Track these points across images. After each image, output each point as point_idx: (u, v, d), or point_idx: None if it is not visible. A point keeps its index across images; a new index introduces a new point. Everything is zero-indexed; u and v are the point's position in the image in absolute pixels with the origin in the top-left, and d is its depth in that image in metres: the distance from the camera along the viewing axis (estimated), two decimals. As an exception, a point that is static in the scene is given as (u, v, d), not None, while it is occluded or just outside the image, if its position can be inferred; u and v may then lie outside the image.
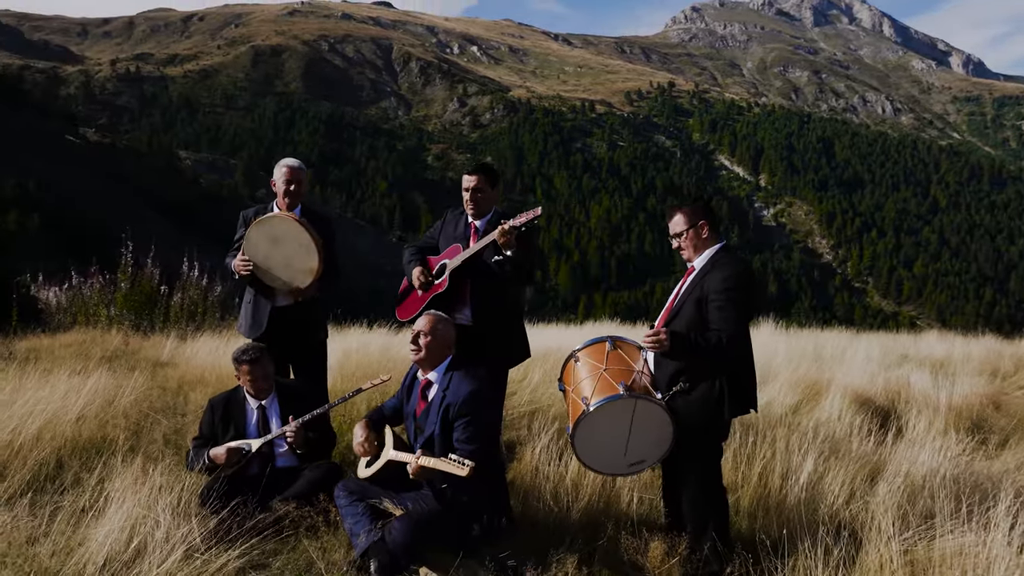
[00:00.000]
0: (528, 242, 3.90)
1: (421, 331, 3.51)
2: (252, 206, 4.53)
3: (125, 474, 3.50)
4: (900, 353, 10.41)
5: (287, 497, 3.56)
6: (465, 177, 4.15)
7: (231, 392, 4.06)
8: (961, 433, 5.44)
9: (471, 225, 4.15)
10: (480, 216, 4.14)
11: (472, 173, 4.12)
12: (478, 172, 4.11)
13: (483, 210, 4.13)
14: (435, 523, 3.16)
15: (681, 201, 3.36)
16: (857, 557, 2.94)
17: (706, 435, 3.20)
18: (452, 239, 4.17)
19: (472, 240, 4.07)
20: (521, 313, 4.32)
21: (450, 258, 4.08)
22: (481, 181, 4.08)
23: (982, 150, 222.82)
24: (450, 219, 4.31)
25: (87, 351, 9.22)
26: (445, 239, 4.24)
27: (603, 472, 3.35)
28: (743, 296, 3.14)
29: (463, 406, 3.34)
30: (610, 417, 3.09)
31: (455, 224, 4.24)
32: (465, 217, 4.21)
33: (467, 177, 4.13)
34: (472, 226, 4.15)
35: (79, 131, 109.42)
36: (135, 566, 2.89)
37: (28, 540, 3.05)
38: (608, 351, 3.28)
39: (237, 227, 4.43)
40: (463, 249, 4.03)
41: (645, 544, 3.23)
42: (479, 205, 4.11)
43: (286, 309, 4.28)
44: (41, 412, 4.76)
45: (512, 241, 3.77)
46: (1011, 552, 2.71)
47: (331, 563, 3.23)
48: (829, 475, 3.85)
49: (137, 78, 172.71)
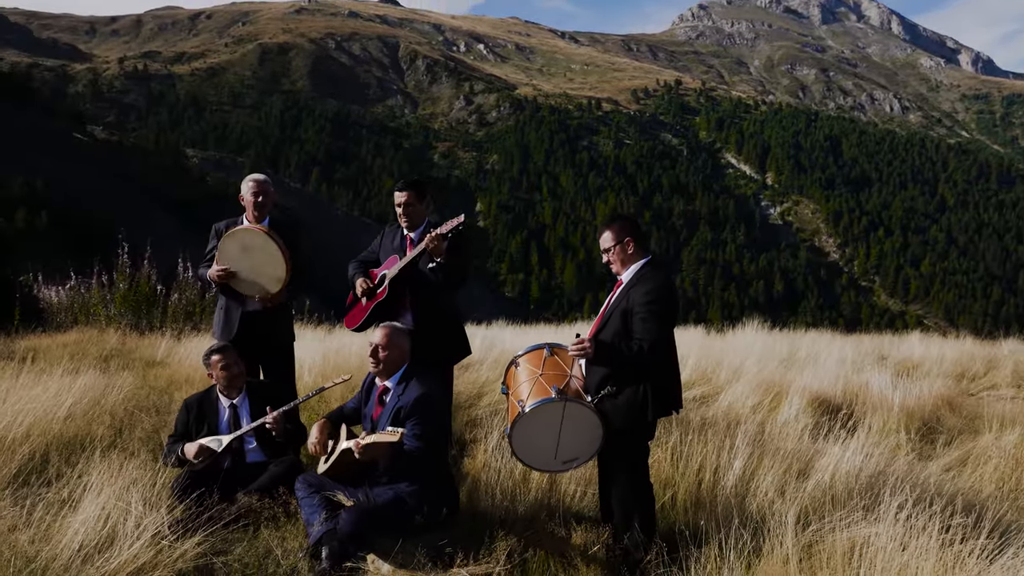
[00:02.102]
0: (459, 248, 4.26)
1: (379, 345, 3.81)
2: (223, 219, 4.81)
3: (102, 468, 3.77)
4: (879, 354, 10.62)
5: (251, 490, 3.86)
6: (396, 194, 4.49)
7: (205, 392, 4.36)
8: (912, 433, 5.67)
9: (407, 237, 4.52)
10: (414, 228, 4.51)
11: (402, 190, 4.48)
12: (408, 188, 4.48)
13: (415, 222, 4.50)
14: (380, 513, 3.44)
15: (611, 218, 3.62)
16: (761, 546, 3.20)
17: (632, 435, 3.47)
18: (390, 251, 4.54)
19: (409, 250, 4.43)
20: (458, 314, 4.66)
21: (388, 268, 4.44)
22: (411, 196, 4.45)
23: (991, 148, 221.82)
24: (388, 233, 4.67)
25: (84, 350, 9.51)
26: (384, 252, 4.60)
27: (539, 469, 3.62)
28: (664, 308, 3.40)
29: (412, 407, 3.64)
30: (544, 418, 3.35)
31: (392, 237, 4.60)
32: (401, 231, 4.57)
33: (398, 194, 4.48)
34: (408, 238, 4.51)
35: (87, 129, 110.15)
36: (106, 551, 3.16)
37: (10, 528, 3.33)
38: (545, 357, 3.55)
39: (209, 239, 4.74)
40: (399, 259, 4.39)
41: (572, 533, 3.49)
42: (411, 218, 4.48)
43: (256, 314, 4.57)
44: (32, 410, 5.05)
45: (442, 248, 4.13)
46: (895, 543, 2.96)
47: (287, 550, 3.51)
48: (761, 472, 4.10)
49: (144, 76, 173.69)
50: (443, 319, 4.40)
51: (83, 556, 3.12)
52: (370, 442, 3.40)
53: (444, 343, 4.40)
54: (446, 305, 4.49)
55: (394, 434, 3.35)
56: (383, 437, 3.37)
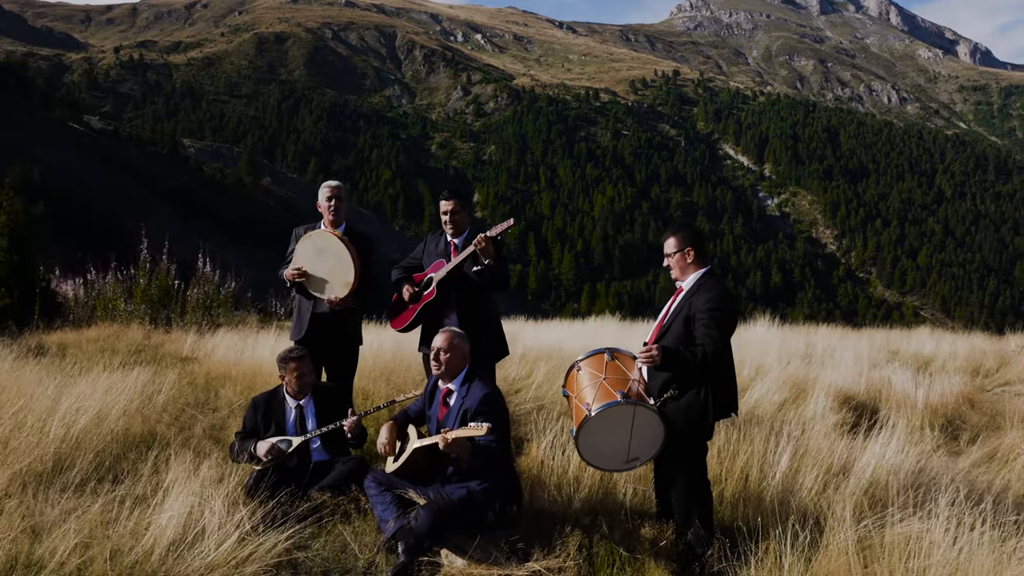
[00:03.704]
0: (499, 252, 4.51)
1: (440, 348, 3.98)
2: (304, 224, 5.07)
3: (178, 467, 3.95)
4: (890, 350, 10.82)
5: (323, 487, 4.04)
6: (442, 202, 4.73)
7: (272, 392, 4.54)
8: (936, 430, 5.87)
9: (450, 243, 4.76)
10: (458, 234, 4.75)
11: (448, 198, 4.72)
12: (453, 197, 4.72)
13: (460, 229, 4.74)
14: (455, 510, 3.62)
15: (676, 227, 3.81)
16: (820, 542, 3.38)
17: (692, 436, 3.66)
18: (435, 256, 4.77)
19: (453, 255, 4.67)
20: (499, 315, 4.91)
21: (435, 272, 4.67)
22: (456, 204, 4.69)
23: (988, 140, 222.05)
24: (431, 239, 4.91)
25: (112, 346, 9.67)
26: (428, 257, 4.83)
27: (602, 469, 3.81)
28: (725, 316, 3.59)
29: (479, 407, 3.84)
30: (609, 421, 3.54)
31: (436, 243, 4.85)
32: (444, 236, 4.81)
33: (444, 202, 4.72)
34: (451, 244, 4.75)
35: (83, 119, 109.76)
36: (196, 548, 3.33)
37: (102, 523, 3.50)
38: (607, 361, 3.73)
39: (290, 242, 5.00)
40: (446, 263, 4.61)
41: (637, 530, 3.68)
42: (456, 225, 4.72)
43: (326, 315, 4.80)
44: (87, 408, 5.21)
45: (491, 249, 4.36)
46: (948, 539, 3.15)
47: (363, 545, 3.70)
48: (803, 470, 4.29)
49: (140, 65, 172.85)
50: (486, 320, 4.61)
51: (176, 552, 3.29)
52: (459, 435, 3.57)
53: (487, 343, 4.60)
54: (488, 306, 4.71)
55: (480, 428, 3.53)
56: (470, 431, 3.54)
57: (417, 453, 3.82)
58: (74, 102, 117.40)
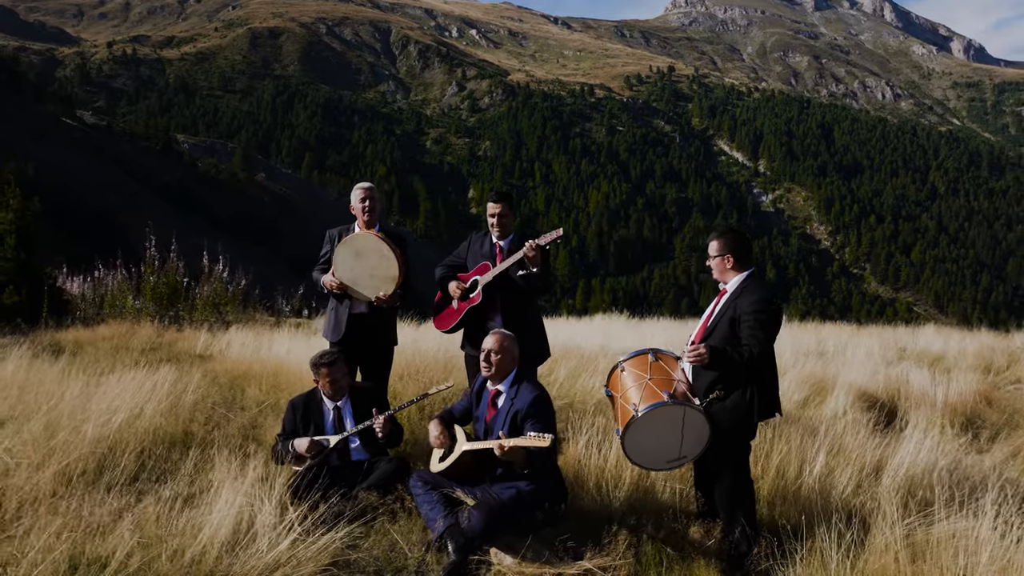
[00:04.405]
0: (545, 259, 4.55)
1: (491, 350, 4.02)
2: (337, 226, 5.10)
3: (224, 467, 3.99)
4: (899, 347, 10.91)
5: (369, 487, 4.07)
6: (491, 205, 4.77)
7: (309, 393, 4.58)
8: (956, 428, 5.94)
9: (496, 245, 4.80)
10: (503, 237, 4.79)
11: (497, 201, 4.76)
12: (502, 200, 4.76)
13: (506, 231, 4.80)
14: (506, 510, 3.67)
15: (721, 231, 3.87)
16: (865, 540, 3.44)
17: (737, 435, 3.72)
18: (480, 257, 4.81)
19: (498, 258, 4.72)
20: (541, 318, 4.96)
21: (480, 275, 4.71)
22: (505, 207, 4.74)
23: (981, 136, 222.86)
24: (475, 239, 4.95)
25: (126, 344, 9.68)
26: (472, 258, 4.86)
27: (647, 467, 3.86)
28: (771, 318, 3.65)
29: (529, 409, 3.88)
30: (655, 421, 3.59)
31: (480, 244, 4.88)
32: (490, 238, 4.85)
33: (492, 205, 4.76)
34: (497, 246, 4.79)
35: (76, 114, 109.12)
36: (250, 548, 3.37)
37: (156, 519, 3.53)
38: (651, 362, 3.78)
39: (323, 244, 5.01)
40: (492, 267, 4.66)
41: (685, 528, 3.73)
42: (504, 228, 4.78)
43: (363, 316, 4.84)
44: (118, 408, 5.23)
45: (538, 258, 4.41)
46: (996, 536, 3.21)
47: (410, 543, 3.74)
48: (838, 468, 4.36)
49: (134, 60, 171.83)
50: (529, 323, 4.66)
51: (233, 551, 3.32)
52: (519, 444, 3.60)
53: (530, 346, 4.62)
54: (532, 309, 4.76)
55: (543, 439, 3.54)
56: (532, 442, 3.56)
57: (466, 454, 3.86)
58: (66, 97, 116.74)
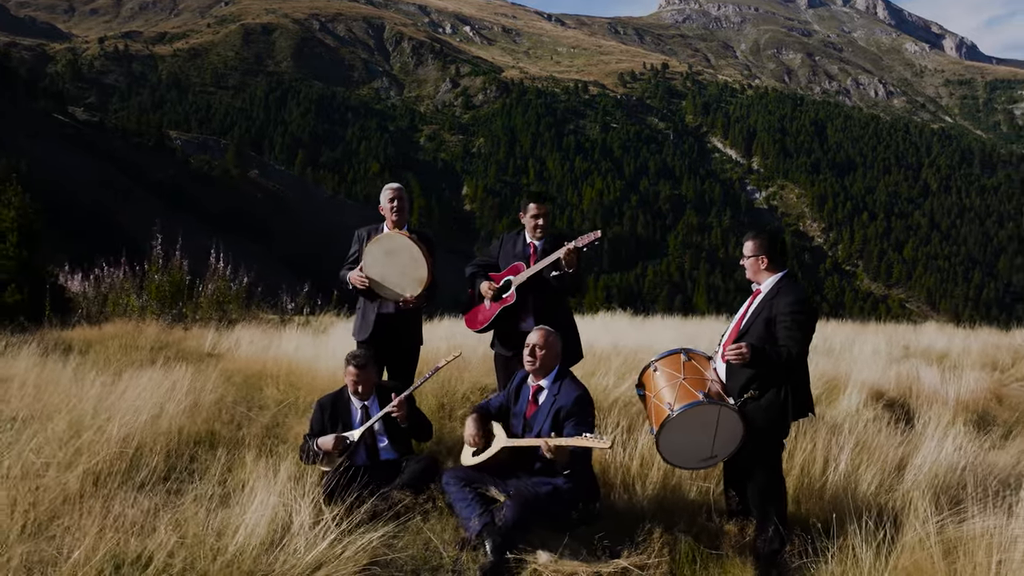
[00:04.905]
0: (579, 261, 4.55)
1: (536, 345, 4.04)
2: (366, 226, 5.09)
3: (256, 466, 4.01)
4: (903, 345, 11.00)
5: (399, 486, 4.09)
6: (534, 205, 4.75)
7: (337, 393, 4.60)
8: (968, 425, 6.00)
9: (530, 245, 4.79)
10: (540, 237, 4.78)
11: (541, 203, 4.75)
12: (545, 202, 4.77)
13: (545, 232, 4.79)
14: (541, 503, 3.71)
15: (757, 232, 3.90)
16: (897, 537, 3.49)
17: (772, 434, 3.77)
18: (512, 258, 4.80)
19: (532, 259, 4.71)
20: (574, 319, 4.94)
21: (514, 275, 4.70)
22: (547, 209, 4.74)
23: (973, 134, 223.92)
24: (508, 239, 4.95)
25: (133, 342, 9.66)
26: (504, 258, 4.86)
27: (680, 466, 3.91)
28: (808, 318, 3.69)
29: (573, 407, 3.91)
30: (690, 420, 3.63)
31: (514, 243, 4.88)
32: (523, 238, 4.85)
33: (535, 205, 4.75)
34: (531, 246, 4.79)
35: (67, 110, 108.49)
36: (288, 547, 3.39)
37: (194, 522, 3.54)
38: (683, 361, 3.82)
39: (351, 244, 5.01)
40: (526, 267, 4.66)
41: (718, 527, 3.77)
42: (544, 229, 4.76)
43: (390, 316, 4.86)
44: (139, 408, 5.23)
45: (574, 260, 4.41)
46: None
47: (444, 542, 3.76)
48: (862, 466, 4.41)
49: (125, 56, 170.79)
50: (562, 323, 4.64)
51: (274, 551, 3.34)
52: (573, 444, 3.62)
53: (563, 347, 4.63)
54: (564, 310, 4.75)
55: (604, 441, 3.56)
56: (589, 443, 3.57)
57: (504, 450, 3.89)
58: (58, 93, 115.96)
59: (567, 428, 3.83)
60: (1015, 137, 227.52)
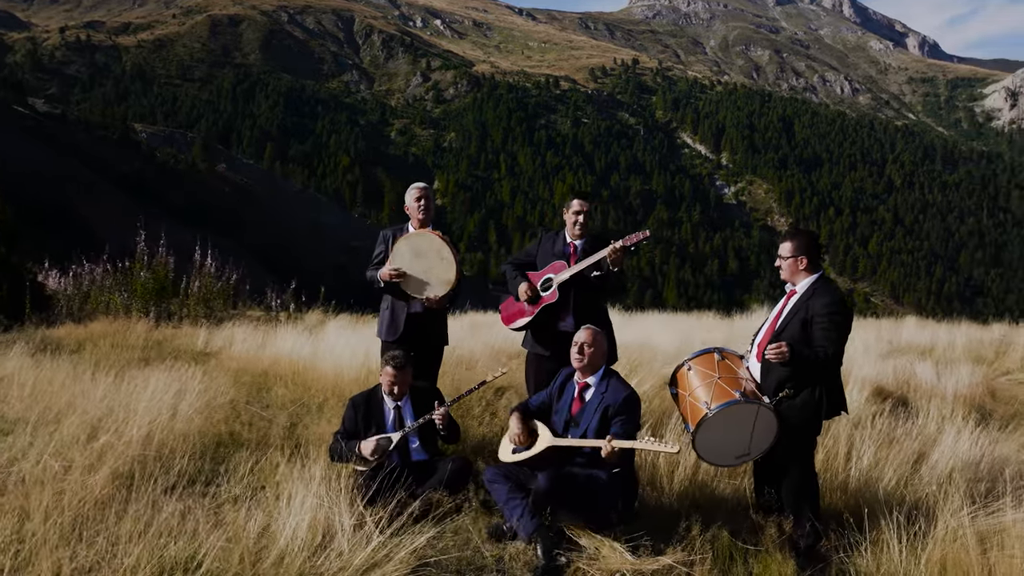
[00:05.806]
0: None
1: (585, 343, 4.06)
2: (390, 226, 5.06)
3: (287, 468, 3.98)
4: (886, 340, 11.24)
5: (435, 486, 4.10)
6: (578, 202, 4.71)
7: (370, 392, 4.59)
8: (968, 419, 6.16)
9: (570, 244, 4.75)
10: (581, 236, 4.73)
11: (583, 200, 4.70)
12: (588, 199, 4.72)
13: (585, 231, 4.74)
14: (578, 481, 3.76)
15: (794, 232, 3.94)
16: (929, 529, 3.59)
17: (805, 432, 3.84)
18: (551, 256, 4.76)
19: (572, 258, 4.67)
20: (611, 320, 4.90)
21: (554, 273, 4.67)
22: (589, 207, 4.70)
23: (935, 131, 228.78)
24: (547, 238, 4.91)
25: (124, 341, 9.51)
26: (544, 256, 4.82)
27: (716, 464, 3.97)
28: (844, 320, 3.76)
29: (621, 406, 3.94)
30: (727, 419, 3.69)
31: (553, 242, 4.84)
32: (563, 237, 4.80)
33: (578, 202, 4.71)
34: (572, 245, 4.74)
35: (27, 101, 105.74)
36: (329, 548, 3.38)
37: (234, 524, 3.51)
38: (717, 360, 3.88)
39: (376, 244, 4.98)
40: (567, 265, 4.62)
41: (754, 523, 3.84)
42: (585, 227, 4.71)
43: (419, 315, 4.84)
44: (153, 409, 5.16)
45: (620, 259, 4.37)
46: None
47: (484, 540, 3.78)
48: (882, 461, 4.51)
49: (88, 47, 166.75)
50: (600, 323, 4.61)
51: (322, 554, 3.33)
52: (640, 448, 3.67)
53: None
54: (603, 310, 4.76)
55: (674, 447, 3.60)
56: (656, 447, 3.60)
57: (548, 450, 3.91)
58: (17, 83, 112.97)
59: (614, 427, 3.86)
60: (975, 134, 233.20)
